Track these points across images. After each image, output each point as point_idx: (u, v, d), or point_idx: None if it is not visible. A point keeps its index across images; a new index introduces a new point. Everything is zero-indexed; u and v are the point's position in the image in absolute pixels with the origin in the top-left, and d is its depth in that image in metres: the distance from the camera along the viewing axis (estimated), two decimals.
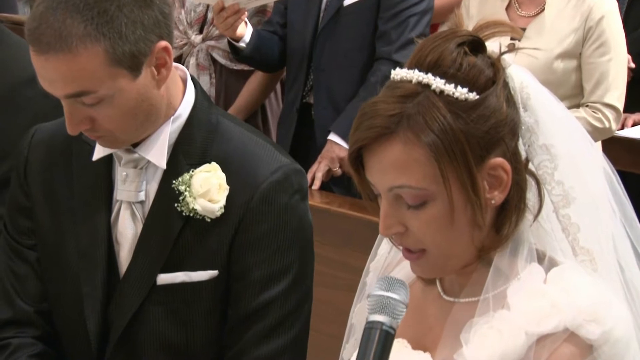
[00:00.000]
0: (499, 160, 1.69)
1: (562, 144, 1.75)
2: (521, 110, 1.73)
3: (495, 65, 1.71)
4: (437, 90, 1.66)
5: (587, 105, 3.94)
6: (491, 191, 1.70)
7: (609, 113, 3.96)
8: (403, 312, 1.65)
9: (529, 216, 1.75)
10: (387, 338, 1.63)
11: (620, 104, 4.00)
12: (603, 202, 1.78)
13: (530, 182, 1.74)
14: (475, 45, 1.70)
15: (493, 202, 1.71)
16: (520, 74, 1.75)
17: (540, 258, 1.75)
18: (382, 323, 1.63)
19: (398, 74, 1.71)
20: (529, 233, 1.76)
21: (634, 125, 4.34)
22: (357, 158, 1.72)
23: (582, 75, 3.99)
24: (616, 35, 3.99)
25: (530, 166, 1.75)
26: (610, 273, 1.76)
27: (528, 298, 1.69)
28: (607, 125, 3.93)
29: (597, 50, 3.96)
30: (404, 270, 1.86)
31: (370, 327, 1.63)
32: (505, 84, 1.72)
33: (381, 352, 1.62)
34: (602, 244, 1.76)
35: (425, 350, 1.79)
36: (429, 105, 1.66)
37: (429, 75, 1.67)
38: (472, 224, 1.70)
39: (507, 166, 1.69)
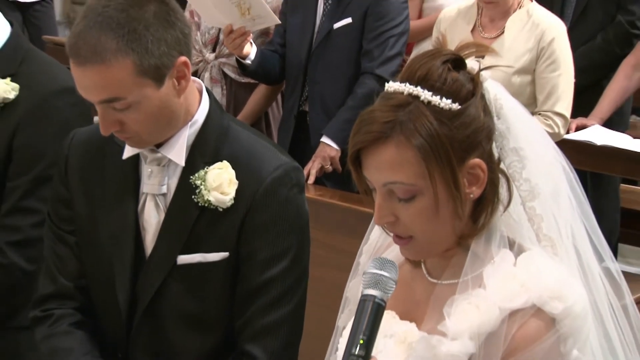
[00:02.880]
0: (477, 160, 1.68)
1: (529, 147, 1.73)
2: (495, 118, 1.72)
3: (475, 79, 1.70)
4: (426, 101, 1.65)
5: (539, 114, 3.93)
6: (470, 187, 1.69)
7: (558, 120, 3.95)
8: (393, 287, 1.65)
9: (500, 208, 1.74)
10: (378, 309, 1.64)
11: (567, 113, 3.99)
12: (563, 197, 1.77)
13: (502, 179, 1.73)
14: (457, 62, 1.69)
15: (472, 196, 1.69)
16: (494, 87, 1.74)
17: (511, 245, 1.74)
18: (374, 296, 1.64)
19: (392, 86, 1.69)
20: (501, 223, 1.75)
21: (577, 129, 4.34)
22: (356, 158, 1.70)
23: (536, 88, 3.98)
24: (565, 54, 3.98)
25: (502, 166, 1.74)
26: (569, 257, 1.75)
27: (501, 279, 1.68)
28: (556, 130, 3.92)
29: (548, 67, 3.94)
30: (393, 253, 1.85)
31: (364, 299, 1.64)
32: (482, 96, 1.71)
33: (373, 321, 1.63)
34: (562, 233, 1.75)
35: (411, 321, 1.77)
36: (418, 114, 1.65)
37: (419, 88, 1.66)
38: (453, 215, 1.69)
39: (484, 166, 1.68)
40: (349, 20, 4.15)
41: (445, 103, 1.65)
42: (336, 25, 4.16)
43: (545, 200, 1.74)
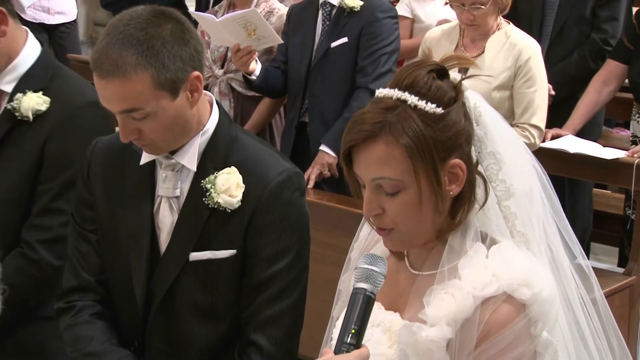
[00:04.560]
0: (457, 161, 1.68)
1: (505, 151, 1.74)
2: (474, 124, 1.73)
3: (457, 87, 1.71)
4: (412, 105, 1.66)
5: (517, 126, 3.92)
6: (450, 185, 1.69)
7: (534, 131, 3.95)
8: (382, 281, 1.66)
9: (476, 206, 1.74)
10: (369, 301, 1.63)
11: (542, 125, 3.99)
12: (536, 196, 1.77)
13: (479, 180, 1.74)
14: (441, 72, 1.70)
15: (451, 193, 1.70)
16: (474, 97, 1.74)
17: (483, 238, 1.74)
18: (365, 289, 1.64)
19: (382, 92, 1.71)
20: (475, 219, 1.75)
21: (552, 138, 4.34)
22: (348, 155, 1.71)
23: (514, 102, 3.97)
24: (540, 71, 3.98)
25: (480, 168, 1.74)
26: (541, 252, 1.75)
27: (474, 270, 1.68)
28: (532, 141, 3.91)
29: (525, 83, 3.94)
30: (380, 248, 1.85)
31: (356, 292, 1.64)
32: (463, 103, 1.71)
33: (364, 312, 1.63)
34: (535, 229, 1.75)
35: (395, 311, 1.78)
36: (405, 116, 1.66)
37: (406, 93, 1.67)
38: (434, 209, 1.69)
39: (463, 166, 1.69)
40: (345, 39, 4.15)
41: (430, 107, 1.66)
42: (333, 44, 4.18)
43: (520, 199, 1.74)
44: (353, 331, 1.61)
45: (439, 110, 1.66)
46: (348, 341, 1.61)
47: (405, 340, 1.69)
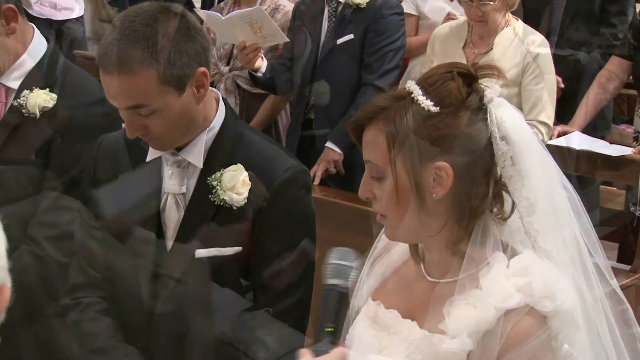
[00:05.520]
0: (443, 164, 1.66)
1: (532, 168, 1.71)
2: (498, 139, 1.68)
3: (465, 93, 1.68)
4: (415, 98, 1.67)
5: None
6: (435, 185, 1.67)
7: (542, 128, 3.94)
8: (355, 274, 1.66)
9: (497, 217, 1.72)
10: (341, 296, 1.64)
11: (550, 121, 3.98)
12: (562, 212, 1.74)
13: (505, 195, 1.72)
14: (468, 77, 1.69)
15: (434, 195, 1.68)
16: (502, 110, 1.71)
17: (504, 248, 1.72)
18: (336, 285, 1.64)
19: (407, 82, 1.73)
20: (495, 228, 1.72)
21: (559, 135, 4.33)
22: (356, 130, 1.74)
23: (522, 99, 3.96)
24: (548, 68, 3.97)
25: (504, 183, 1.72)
26: (565, 267, 1.72)
27: (496, 280, 1.66)
28: (540, 137, 3.91)
29: (533, 80, 3.93)
30: (399, 250, 1.85)
31: (328, 289, 1.65)
32: (477, 112, 1.69)
33: (338, 309, 1.63)
34: (559, 246, 1.72)
35: (412, 319, 1.75)
36: (403, 107, 1.67)
37: (417, 86, 1.68)
38: (418, 206, 1.68)
39: (450, 171, 1.66)
40: (350, 36, 4.15)
41: (426, 104, 1.66)
42: (339, 41, 4.17)
43: (543, 216, 1.71)
44: (330, 329, 1.61)
45: (435, 108, 1.66)
46: (325, 340, 1.60)
47: (425, 352, 1.67)
